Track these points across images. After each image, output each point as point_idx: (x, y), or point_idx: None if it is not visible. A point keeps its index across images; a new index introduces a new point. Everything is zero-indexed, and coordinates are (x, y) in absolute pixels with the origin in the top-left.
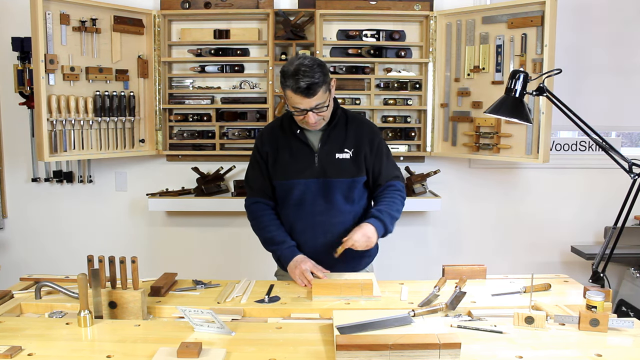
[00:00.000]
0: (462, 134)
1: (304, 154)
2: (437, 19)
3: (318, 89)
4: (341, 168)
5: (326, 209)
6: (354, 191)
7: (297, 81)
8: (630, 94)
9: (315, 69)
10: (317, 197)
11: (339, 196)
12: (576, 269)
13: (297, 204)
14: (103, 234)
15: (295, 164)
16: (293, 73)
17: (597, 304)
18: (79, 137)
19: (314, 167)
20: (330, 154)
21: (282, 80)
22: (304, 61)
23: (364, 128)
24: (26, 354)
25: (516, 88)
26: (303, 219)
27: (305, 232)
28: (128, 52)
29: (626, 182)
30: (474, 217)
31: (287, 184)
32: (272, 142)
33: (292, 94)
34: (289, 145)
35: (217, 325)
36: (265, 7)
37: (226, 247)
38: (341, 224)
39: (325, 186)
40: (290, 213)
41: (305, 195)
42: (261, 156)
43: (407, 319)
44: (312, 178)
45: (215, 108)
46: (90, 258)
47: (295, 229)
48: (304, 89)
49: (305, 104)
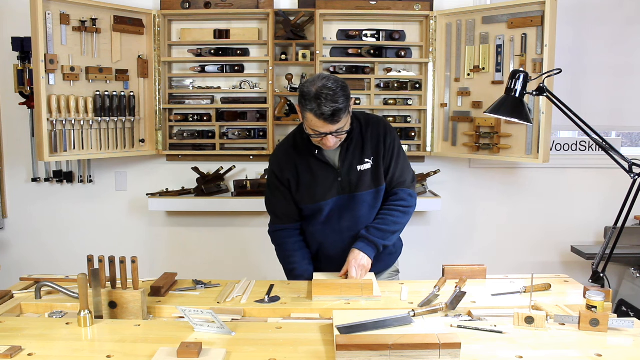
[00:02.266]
0: (462, 134)
1: (326, 174)
2: (437, 19)
3: (342, 115)
4: (364, 180)
5: (354, 222)
6: (379, 200)
7: (319, 106)
8: (630, 94)
9: (339, 93)
10: (344, 212)
11: (365, 208)
12: (576, 269)
13: (325, 222)
14: (103, 234)
15: (319, 185)
16: (315, 96)
17: (597, 304)
18: (79, 137)
19: (338, 185)
20: (351, 168)
21: (302, 102)
22: (327, 83)
23: (379, 129)
24: (26, 354)
25: (516, 88)
26: (330, 235)
27: (335, 246)
28: (128, 52)
29: (626, 182)
30: (474, 217)
31: (314, 207)
32: (290, 166)
33: (313, 118)
34: (308, 166)
35: (217, 325)
36: (265, 7)
37: (226, 247)
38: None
39: (351, 201)
40: (318, 231)
41: (332, 213)
42: (282, 183)
43: (407, 319)
44: (338, 195)
45: (215, 108)
46: (90, 258)
47: (324, 245)
48: (328, 115)
49: (326, 128)
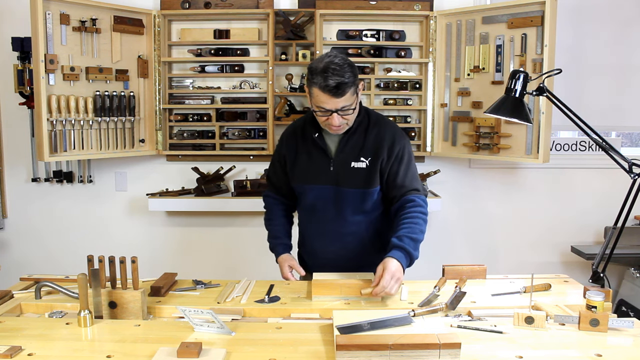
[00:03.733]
0: (462, 134)
1: (320, 159)
2: (437, 19)
3: (347, 89)
4: (354, 178)
5: (335, 217)
6: (365, 203)
7: (325, 79)
8: (630, 94)
9: (345, 69)
10: (328, 204)
11: (348, 207)
12: (576, 269)
13: (310, 209)
14: (103, 234)
15: (311, 168)
16: (322, 70)
17: (597, 304)
18: (79, 137)
19: (329, 174)
20: (345, 162)
21: (309, 77)
22: (334, 59)
23: (386, 133)
24: (26, 354)
25: (516, 88)
26: (314, 225)
27: (317, 239)
28: (128, 52)
29: (626, 182)
30: (474, 217)
31: (302, 187)
32: (291, 144)
33: (319, 92)
34: (307, 149)
35: (217, 325)
36: (265, 7)
37: (226, 247)
38: (352, 234)
39: (337, 195)
40: (304, 217)
41: (317, 201)
42: (279, 157)
43: (407, 319)
44: (326, 184)
45: (215, 108)
46: (90, 258)
47: (307, 233)
48: (332, 87)
49: (331, 104)
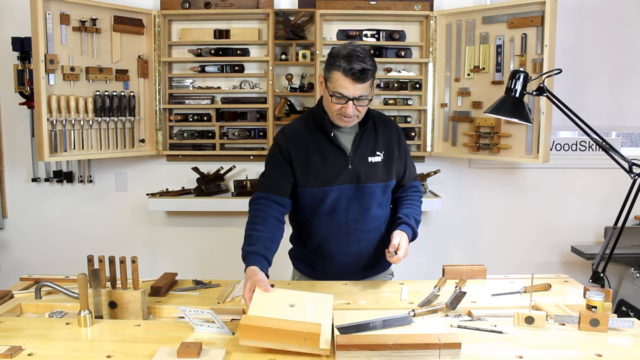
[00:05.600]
0: (462, 134)
1: (336, 158)
2: (437, 19)
3: (369, 77)
4: (374, 172)
5: (360, 216)
6: (386, 195)
7: (350, 62)
8: (630, 94)
9: (368, 57)
10: (352, 203)
11: (373, 202)
12: (576, 269)
13: (329, 213)
14: (103, 234)
15: (328, 169)
16: (347, 55)
17: (597, 304)
18: (79, 137)
19: (348, 172)
20: (363, 158)
21: (332, 61)
22: (357, 47)
23: (392, 128)
24: (26, 354)
25: (516, 88)
26: (336, 228)
27: (339, 242)
28: (128, 52)
29: (626, 182)
30: (474, 217)
31: (320, 191)
32: (298, 143)
33: (341, 76)
34: (319, 149)
35: (217, 325)
36: (265, 7)
37: (226, 247)
38: (376, 230)
39: (360, 192)
40: (322, 222)
41: (338, 203)
42: (283, 156)
43: (407, 319)
44: (346, 184)
45: (215, 108)
46: (90, 258)
47: (327, 239)
48: (357, 71)
49: (351, 90)
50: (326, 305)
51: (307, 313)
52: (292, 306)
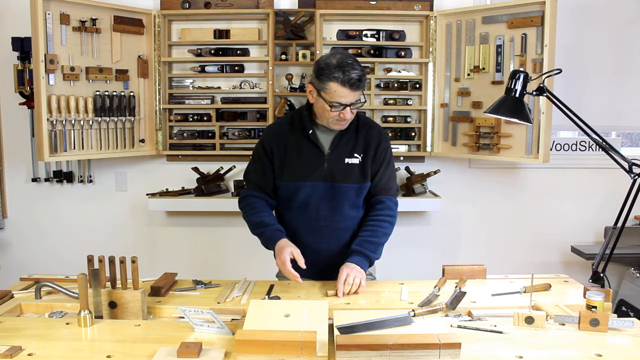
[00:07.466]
0: (462, 134)
1: (313, 156)
2: (437, 19)
3: (364, 82)
4: (350, 173)
5: (330, 213)
6: (360, 197)
7: (346, 73)
8: (630, 94)
9: (356, 63)
10: (323, 201)
11: (345, 202)
12: (576, 269)
13: (301, 207)
14: (103, 234)
15: (303, 165)
16: (338, 65)
17: (597, 304)
18: (79, 137)
19: (323, 170)
20: (340, 158)
21: (324, 72)
22: (344, 55)
23: (373, 132)
24: (26, 354)
25: (516, 88)
26: (306, 223)
27: (308, 237)
28: (128, 52)
29: (626, 182)
30: (474, 217)
31: (293, 185)
32: (279, 140)
33: (339, 87)
34: (298, 145)
35: (217, 325)
36: (265, 7)
37: (226, 247)
38: (347, 229)
39: (332, 191)
40: (294, 216)
41: (310, 199)
42: (265, 152)
43: (407, 319)
44: (320, 181)
45: (215, 108)
46: (90, 258)
47: (298, 232)
48: (355, 80)
49: (350, 97)
50: (321, 311)
51: (303, 321)
52: (287, 316)
